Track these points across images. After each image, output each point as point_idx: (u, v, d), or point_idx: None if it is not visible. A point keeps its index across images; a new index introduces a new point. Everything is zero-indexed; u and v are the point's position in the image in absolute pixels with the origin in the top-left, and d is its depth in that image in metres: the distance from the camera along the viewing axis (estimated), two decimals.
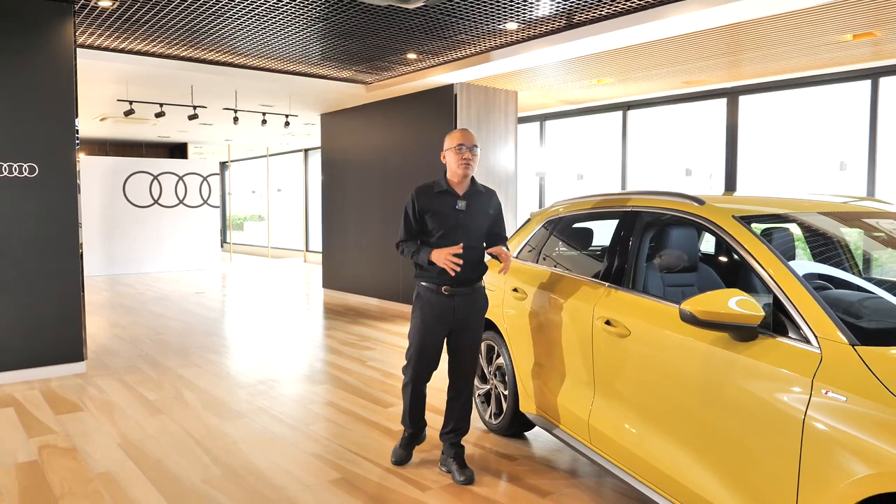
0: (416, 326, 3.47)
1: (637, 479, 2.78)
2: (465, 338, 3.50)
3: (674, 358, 2.58)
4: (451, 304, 3.40)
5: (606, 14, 5.70)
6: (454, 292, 3.39)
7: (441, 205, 3.40)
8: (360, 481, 3.47)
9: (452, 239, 3.36)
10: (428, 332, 3.43)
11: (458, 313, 3.42)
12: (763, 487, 2.15)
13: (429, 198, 3.42)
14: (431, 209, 3.40)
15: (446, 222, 3.39)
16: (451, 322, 3.44)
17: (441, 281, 3.37)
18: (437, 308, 3.40)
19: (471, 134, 3.45)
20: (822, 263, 3.13)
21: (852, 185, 7.51)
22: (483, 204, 3.49)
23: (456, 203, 3.41)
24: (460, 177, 3.42)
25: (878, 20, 5.43)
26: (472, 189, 3.48)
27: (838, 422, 1.91)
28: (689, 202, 2.84)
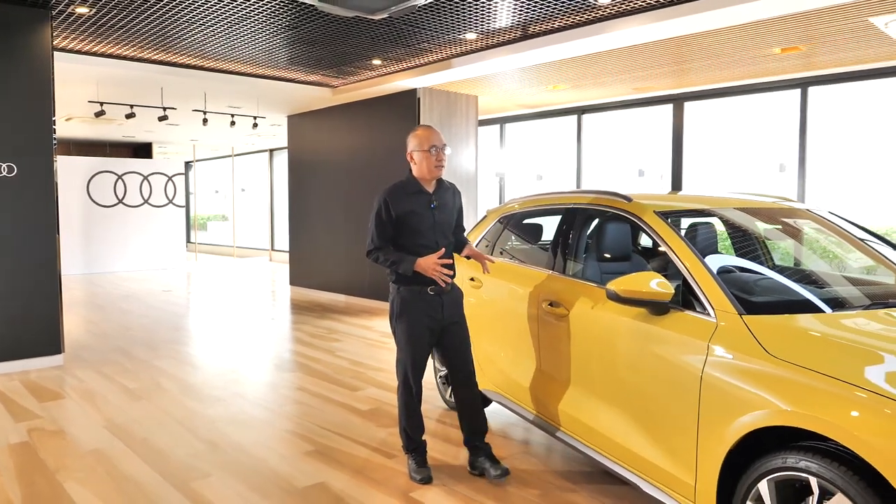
0: (407, 332, 3.37)
1: (576, 440, 3.21)
2: (458, 332, 3.48)
3: (603, 331, 3.02)
4: (439, 303, 3.38)
5: (559, 26, 6.15)
6: (438, 290, 3.36)
7: (417, 205, 3.36)
8: (332, 452, 3.84)
9: (430, 238, 3.36)
10: (419, 336, 3.37)
11: (446, 310, 3.41)
12: (673, 433, 2.59)
13: (403, 200, 3.36)
14: (408, 211, 3.34)
15: (423, 223, 3.36)
16: (441, 321, 3.40)
17: (425, 282, 3.33)
18: (426, 309, 3.35)
19: (438, 133, 3.42)
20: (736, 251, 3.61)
21: (789, 186, 8.10)
22: (450, 199, 3.52)
23: (431, 202, 3.39)
24: (432, 177, 3.41)
25: (802, 37, 5.98)
26: (440, 186, 3.48)
27: (726, 375, 2.36)
28: (618, 199, 3.28)
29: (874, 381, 2.00)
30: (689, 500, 2.53)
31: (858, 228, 3.44)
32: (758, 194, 3.83)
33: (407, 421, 3.48)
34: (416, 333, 3.37)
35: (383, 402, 4.81)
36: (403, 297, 3.38)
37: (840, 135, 8.08)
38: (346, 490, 3.32)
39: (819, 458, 2.04)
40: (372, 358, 6.16)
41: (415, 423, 3.48)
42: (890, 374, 2.05)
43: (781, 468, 2.14)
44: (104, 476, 3.50)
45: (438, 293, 3.37)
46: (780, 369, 2.20)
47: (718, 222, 3.57)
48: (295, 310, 9.08)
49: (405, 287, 3.38)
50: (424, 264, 3.24)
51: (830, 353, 2.21)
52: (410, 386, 3.44)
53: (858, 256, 3.42)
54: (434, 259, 3.24)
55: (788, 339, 2.32)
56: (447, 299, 3.41)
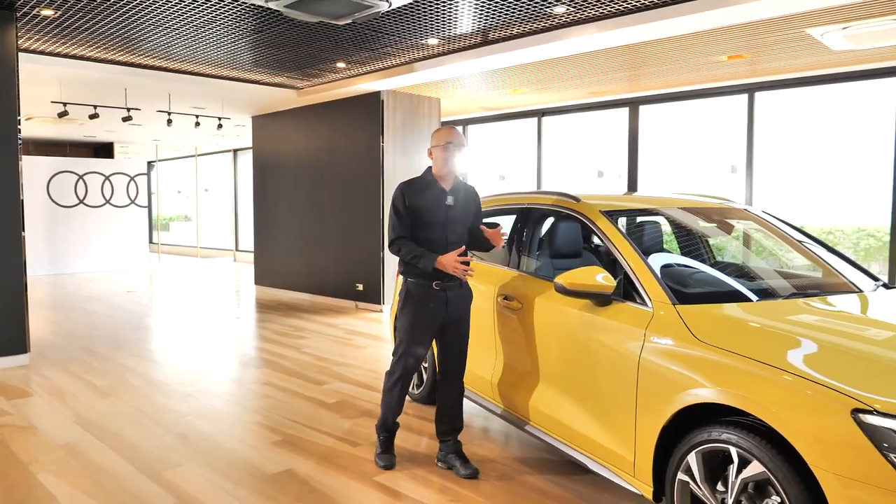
0: (409, 323, 3.46)
1: (531, 425, 3.44)
2: (458, 331, 3.55)
3: (553, 322, 3.26)
4: (444, 299, 3.44)
5: (518, 33, 6.38)
6: (445, 286, 3.43)
7: (431, 200, 3.43)
8: (299, 441, 4.00)
9: (440, 233, 3.42)
10: (420, 329, 3.44)
11: (451, 307, 3.46)
12: (615, 414, 2.83)
13: (418, 193, 3.43)
14: (422, 204, 3.41)
15: (436, 217, 3.42)
16: (444, 317, 3.46)
17: (432, 276, 3.40)
18: (431, 304, 3.43)
19: (459, 133, 3.49)
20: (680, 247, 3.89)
21: (740, 187, 8.49)
22: (468, 199, 3.58)
23: (445, 198, 3.45)
24: (447, 173, 3.47)
25: (746, 45, 6.32)
26: (458, 184, 3.54)
27: (660, 359, 2.61)
28: (568, 200, 3.52)
29: (787, 362, 2.26)
30: (630, 474, 2.77)
31: (789, 226, 3.73)
32: (700, 195, 4.10)
33: (385, 406, 3.59)
34: (417, 325, 3.44)
35: (349, 394, 4.98)
36: (409, 290, 3.48)
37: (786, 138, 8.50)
38: (312, 475, 3.50)
39: (739, 431, 2.29)
40: (337, 354, 6.33)
41: (392, 410, 3.57)
42: (802, 355, 2.31)
43: (707, 441, 2.39)
44: (77, 468, 3.62)
45: (444, 289, 3.43)
46: (706, 352, 2.45)
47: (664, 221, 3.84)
48: (260, 309, 9.17)
49: (412, 280, 3.46)
50: (445, 261, 3.30)
51: (750, 337, 2.47)
52: (401, 377, 3.50)
53: (788, 251, 3.71)
54: (454, 256, 3.30)
55: (714, 325, 2.58)
56: (452, 296, 3.46)
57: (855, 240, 9.06)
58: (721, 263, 3.79)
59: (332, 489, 3.33)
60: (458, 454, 3.58)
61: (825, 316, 2.76)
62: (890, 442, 1.93)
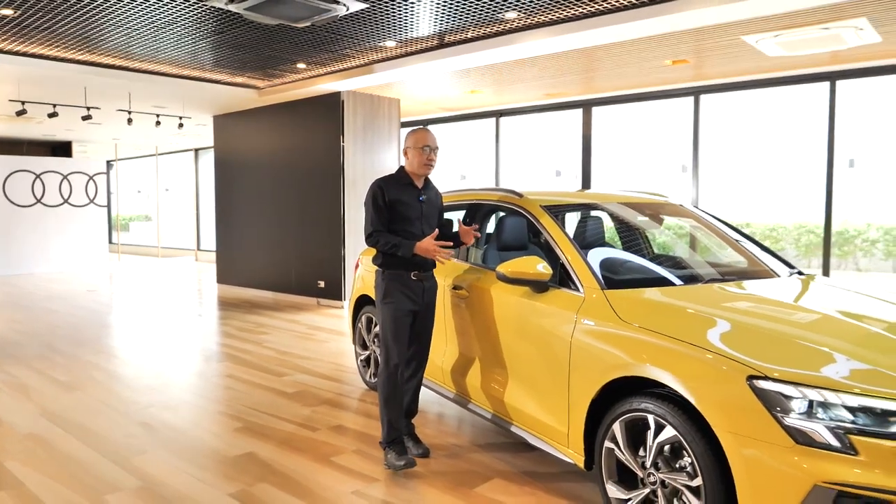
0: (391, 314, 3.56)
1: (474, 403, 3.68)
2: (428, 319, 3.73)
3: (496, 308, 3.51)
4: (421, 288, 3.62)
5: (472, 37, 6.63)
6: (422, 277, 3.62)
7: (407, 196, 3.60)
8: (260, 428, 4.18)
9: (417, 227, 3.59)
10: (402, 318, 3.57)
11: (426, 296, 3.65)
12: (550, 388, 3.09)
13: (395, 189, 3.59)
14: (399, 199, 3.57)
15: (412, 212, 3.59)
16: (420, 305, 3.63)
17: (410, 267, 3.58)
18: (409, 293, 3.58)
19: (434, 136, 3.69)
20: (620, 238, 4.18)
21: (690, 185, 8.87)
22: (436, 198, 3.81)
23: (419, 195, 3.65)
24: (422, 173, 3.67)
25: (688, 51, 6.67)
26: (427, 184, 3.76)
27: (589, 338, 2.87)
28: (512, 195, 3.77)
29: (696, 337, 2.53)
30: (564, 446, 3.03)
31: (716, 220, 4.04)
32: (639, 191, 4.40)
33: (390, 410, 3.56)
34: (400, 314, 3.56)
35: (309, 385, 5.17)
36: (388, 281, 3.59)
37: (732, 139, 8.93)
38: (272, 457, 3.69)
39: (655, 400, 2.56)
40: (299, 348, 6.50)
41: (397, 413, 3.57)
42: (709, 331, 2.58)
43: (629, 410, 2.66)
44: (44, 456, 3.75)
45: (420, 279, 3.60)
46: (628, 331, 2.72)
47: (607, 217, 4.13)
48: (222, 306, 9.27)
49: (390, 271, 3.59)
50: (424, 245, 3.45)
51: (666, 317, 2.75)
52: (395, 369, 3.55)
53: (717, 242, 4.03)
54: (431, 240, 3.46)
55: (636, 307, 2.85)
56: (427, 286, 3.65)
57: (796, 236, 9.54)
58: (656, 254, 4.09)
59: (292, 470, 3.53)
60: (411, 435, 3.79)
61: (735, 298, 3.06)
62: (778, 403, 2.21)
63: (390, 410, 3.56)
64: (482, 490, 3.26)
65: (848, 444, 2.11)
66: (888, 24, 5.61)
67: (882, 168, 8.46)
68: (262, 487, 3.31)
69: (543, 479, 3.37)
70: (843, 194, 8.56)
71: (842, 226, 9.34)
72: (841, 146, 7.84)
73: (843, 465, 2.09)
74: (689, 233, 4.54)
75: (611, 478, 2.78)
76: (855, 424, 2.14)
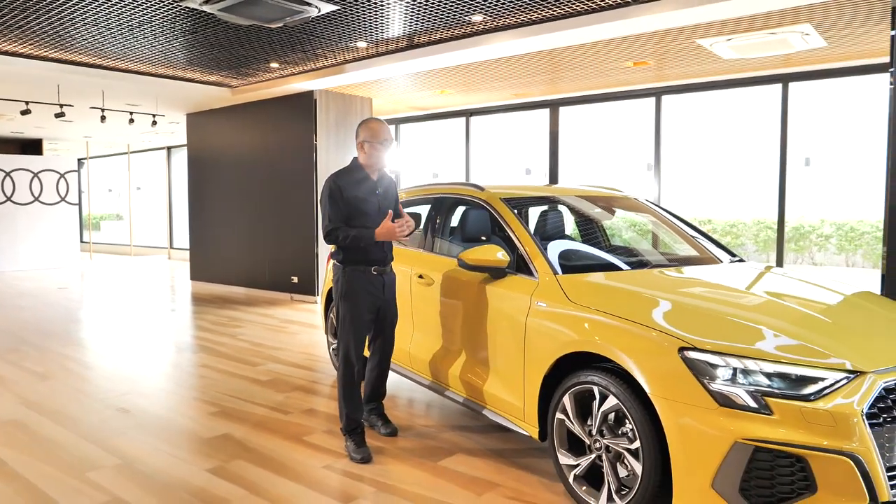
0: (352, 310, 3.59)
1: (439, 385, 3.91)
2: (391, 311, 3.81)
3: (457, 294, 3.74)
4: (382, 282, 3.66)
5: (441, 38, 6.85)
6: (381, 271, 3.66)
7: (364, 190, 3.61)
8: (234, 412, 4.36)
9: (376, 221, 3.56)
10: (363, 314, 3.61)
11: (387, 290, 3.71)
12: (507, 366, 3.33)
13: (352, 184, 3.59)
14: (357, 194, 3.58)
15: (370, 206, 3.60)
16: (381, 299, 3.68)
17: (370, 262, 3.61)
18: (369, 288, 3.61)
19: (390, 130, 3.66)
20: (579, 229, 4.43)
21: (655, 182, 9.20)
22: (391, 186, 3.80)
23: (376, 188, 3.66)
24: (381, 167, 3.69)
25: (647, 53, 6.96)
26: (381, 174, 3.74)
27: (542, 319, 3.11)
28: (474, 189, 4.00)
29: (635, 314, 2.78)
30: (520, 419, 3.27)
31: (666, 212, 4.32)
32: (597, 186, 4.66)
33: (347, 403, 3.61)
34: (360, 311, 3.59)
35: (282, 374, 5.35)
36: (349, 277, 3.59)
37: (695, 138, 9.27)
38: (247, 438, 3.88)
39: (600, 373, 2.80)
40: (272, 340, 6.67)
41: (354, 405, 3.62)
42: (646, 309, 2.84)
43: (577, 383, 2.90)
44: (25, 439, 3.89)
45: (380, 273, 3.64)
46: (576, 311, 2.97)
47: (566, 209, 4.38)
48: (196, 302, 9.38)
49: (351, 267, 3.59)
50: (384, 230, 3.46)
51: (610, 297, 3.00)
52: (353, 364, 3.59)
53: (666, 232, 4.30)
54: (389, 221, 3.47)
55: (584, 289, 3.10)
56: (387, 279, 3.71)
57: (755, 231, 9.92)
58: (609, 242, 4.35)
59: (265, 448, 3.72)
60: (380, 415, 3.99)
61: (673, 281, 3.33)
62: (704, 371, 2.47)
63: (348, 404, 3.62)
64: (445, 463, 3.48)
65: (764, 405, 2.37)
66: (832, 29, 5.95)
67: (835, 167, 8.87)
68: (237, 464, 3.49)
69: (505, 454, 3.61)
70: (799, 192, 8.95)
71: (798, 222, 9.75)
72: (797, 146, 8.22)
73: (760, 423, 2.36)
74: (641, 224, 4.82)
75: (562, 446, 3.02)
76: (771, 388, 2.40)
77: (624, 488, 2.74)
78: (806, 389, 2.39)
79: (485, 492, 3.14)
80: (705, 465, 2.41)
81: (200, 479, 3.31)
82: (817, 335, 2.63)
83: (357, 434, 3.65)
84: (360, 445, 3.61)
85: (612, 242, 4.49)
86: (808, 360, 2.45)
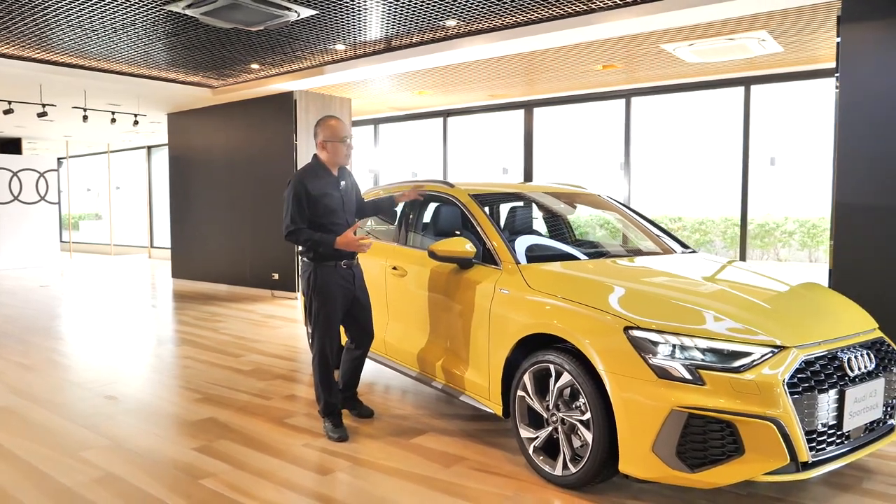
0: (324, 304, 3.73)
1: (412, 370, 4.17)
2: (364, 302, 3.96)
3: (429, 284, 3.99)
4: (351, 275, 3.83)
5: (417, 42, 7.10)
6: (349, 264, 3.83)
7: (328, 187, 3.75)
8: (218, 398, 4.58)
9: (341, 217, 3.76)
10: (336, 308, 3.77)
11: (357, 281, 3.89)
12: (476, 353, 3.59)
13: (317, 182, 3.72)
14: (322, 192, 3.70)
15: (335, 203, 3.75)
16: (352, 290, 3.85)
17: (338, 257, 3.75)
18: (340, 282, 3.76)
19: (346, 124, 3.85)
20: (546, 223, 4.72)
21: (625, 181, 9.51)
22: (352, 180, 3.98)
23: (339, 184, 3.81)
24: (343, 164, 3.85)
25: (615, 57, 7.27)
26: (342, 170, 3.90)
27: (505, 304, 3.38)
28: (444, 185, 4.26)
29: (587, 298, 3.05)
30: (486, 398, 3.54)
31: (627, 208, 4.61)
32: (562, 184, 4.94)
33: (325, 390, 3.82)
34: (335, 305, 3.75)
35: (263, 363, 5.57)
36: (319, 273, 3.72)
37: (665, 139, 9.61)
38: (231, 420, 4.10)
39: (556, 353, 3.07)
40: (254, 333, 6.88)
41: (331, 391, 3.83)
42: (597, 293, 3.11)
43: (536, 362, 3.17)
44: (19, 424, 4.08)
45: (349, 266, 3.81)
46: (535, 296, 3.24)
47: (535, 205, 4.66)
48: (178, 299, 9.54)
49: (320, 263, 3.72)
50: (345, 241, 3.61)
51: (565, 284, 3.27)
52: (327, 355, 3.78)
53: (625, 225, 4.59)
54: (351, 234, 3.63)
55: (543, 277, 3.37)
56: (356, 271, 3.90)
57: (723, 228, 10.28)
58: (571, 235, 4.64)
59: (248, 429, 3.95)
60: (355, 400, 4.21)
61: (625, 269, 3.61)
62: (646, 347, 2.74)
63: (326, 390, 3.82)
64: (417, 441, 3.74)
65: (698, 377, 2.65)
66: (786, 36, 6.28)
67: (799, 166, 9.24)
68: (221, 443, 3.72)
69: (473, 433, 3.87)
70: (764, 190, 9.31)
71: (764, 219, 10.13)
72: (763, 146, 8.57)
73: (694, 393, 2.64)
74: (605, 219, 5.10)
75: (522, 421, 3.29)
76: (704, 362, 2.68)
77: (577, 457, 3.02)
78: (736, 363, 2.68)
79: (452, 464, 3.40)
80: (646, 432, 2.69)
81: (188, 456, 3.54)
82: (749, 315, 2.92)
83: (335, 416, 3.87)
84: (337, 426, 3.83)
85: (574, 235, 4.77)
86: (738, 337, 2.74)
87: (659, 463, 2.68)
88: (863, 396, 2.83)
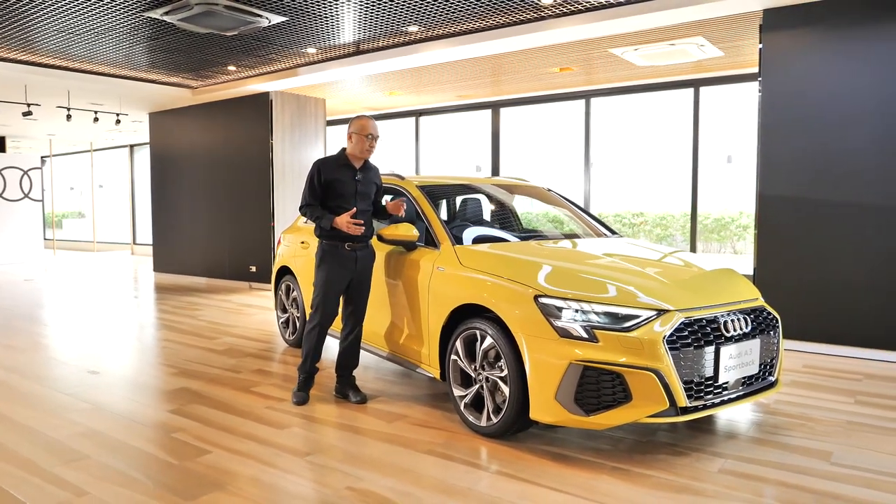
0: (323, 278, 4.11)
1: (366, 343, 4.64)
2: (363, 286, 4.25)
3: (380, 265, 4.46)
4: (353, 258, 4.13)
5: (383, 45, 7.57)
6: (354, 247, 4.15)
7: (343, 175, 4.10)
8: (192, 372, 5.02)
9: (351, 203, 4.09)
10: (333, 282, 4.11)
11: (359, 264, 4.16)
12: (416, 323, 4.08)
13: (332, 169, 4.10)
14: (335, 178, 4.08)
15: (347, 190, 4.10)
16: (353, 273, 4.15)
17: (343, 238, 4.09)
18: (341, 261, 4.10)
19: (376, 125, 4.17)
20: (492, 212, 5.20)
21: (592, 179, 10.02)
22: (373, 177, 4.27)
23: (356, 175, 4.15)
24: (362, 157, 4.18)
25: (571, 60, 7.77)
26: (367, 165, 4.24)
27: (441, 280, 3.86)
28: (396, 178, 4.73)
29: (506, 272, 3.54)
30: (427, 364, 4.02)
31: (563, 198, 5.10)
32: (510, 177, 5.42)
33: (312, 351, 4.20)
34: (331, 279, 4.11)
35: (236, 344, 6.01)
36: (325, 250, 4.13)
37: (626, 137, 10.13)
38: (203, 389, 4.55)
39: (481, 320, 3.55)
40: (230, 320, 7.31)
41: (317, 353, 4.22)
42: (516, 268, 3.59)
43: (465, 329, 3.65)
44: (10, 394, 4.50)
45: (353, 249, 4.13)
46: (466, 272, 3.72)
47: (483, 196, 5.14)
48: (158, 290, 9.95)
49: (327, 241, 4.13)
50: (339, 221, 3.98)
51: (492, 262, 3.75)
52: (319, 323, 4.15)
53: (564, 213, 5.08)
54: (346, 217, 3.97)
55: (474, 257, 3.85)
56: (360, 255, 4.17)
57: (682, 223, 10.82)
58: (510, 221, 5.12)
59: (217, 396, 4.40)
60: (352, 386, 4.34)
61: (547, 249, 4.10)
62: (551, 312, 3.23)
63: (312, 351, 4.19)
64: (369, 405, 4.20)
65: (593, 335, 3.14)
66: (723, 41, 6.81)
67: (753, 164, 9.78)
68: (193, 406, 4.17)
69: (418, 397, 4.33)
70: (721, 186, 9.86)
71: (720, 214, 10.70)
72: (720, 144, 9.11)
73: (589, 349, 3.13)
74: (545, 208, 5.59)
75: (455, 381, 3.77)
76: (599, 323, 3.17)
77: (499, 409, 3.50)
78: (626, 324, 3.17)
79: (395, 421, 3.87)
80: (550, 383, 3.17)
81: (162, 416, 3.98)
82: (643, 284, 3.42)
83: (309, 379, 4.26)
84: (299, 389, 4.26)
85: (520, 222, 5.26)
86: (629, 301, 3.23)
87: (560, 409, 3.16)
88: (738, 354, 3.33)
